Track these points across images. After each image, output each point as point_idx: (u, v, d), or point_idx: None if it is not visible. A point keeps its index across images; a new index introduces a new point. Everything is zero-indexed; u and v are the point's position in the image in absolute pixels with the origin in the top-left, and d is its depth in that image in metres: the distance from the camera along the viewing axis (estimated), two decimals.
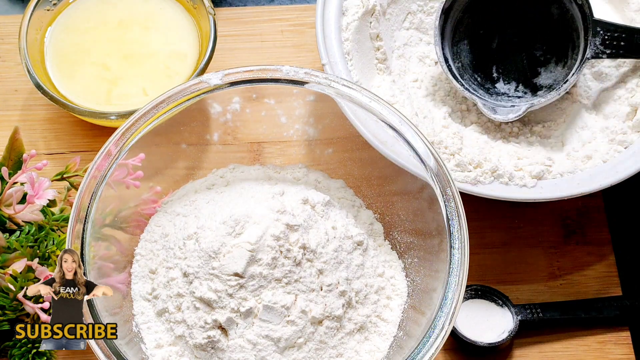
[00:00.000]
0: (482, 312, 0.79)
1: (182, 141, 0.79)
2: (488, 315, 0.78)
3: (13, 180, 0.73)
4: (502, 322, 0.78)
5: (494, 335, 0.77)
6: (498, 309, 0.79)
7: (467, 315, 0.78)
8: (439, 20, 0.81)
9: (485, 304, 0.79)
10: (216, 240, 0.68)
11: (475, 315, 0.78)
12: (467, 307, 0.78)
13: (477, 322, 0.78)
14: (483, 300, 0.79)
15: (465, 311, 0.78)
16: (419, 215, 0.74)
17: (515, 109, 0.79)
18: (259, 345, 0.68)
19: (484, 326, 0.78)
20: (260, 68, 0.72)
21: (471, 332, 0.77)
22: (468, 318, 0.78)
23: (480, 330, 0.78)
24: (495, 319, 0.78)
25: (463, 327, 0.77)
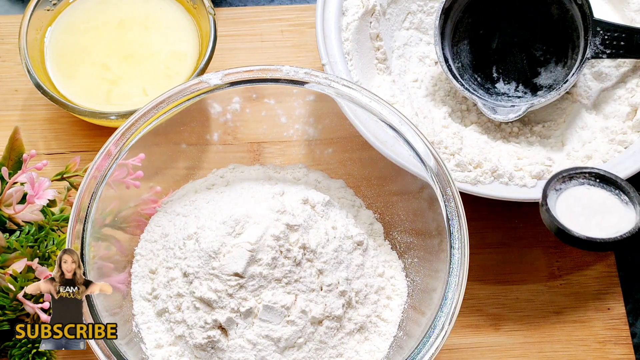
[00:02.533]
0: (595, 205, 0.61)
1: (182, 141, 0.79)
2: (602, 210, 0.61)
3: (13, 180, 0.73)
4: (620, 220, 0.60)
5: (603, 234, 0.60)
6: (619, 205, 0.61)
7: (574, 203, 0.61)
8: (439, 20, 0.81)
9: (604, 196, 0.61)
10: (216, 240, 0.68)
11: (585, 207, 0.61)
12: (574, 195, 0.62)
13: (585, 215, 0.61)
14: (602, 189, 0.61)
15: (572, 199, 0.61)
16: (419, 215, 0.74)
17: (515, 109, 0.79)
18: (259, 345, 0.68)
19: (593, 221, 0.61)
20: (260, 68, 0.72)
21: (575, 224, 0.60)
22: (574, 209, 0.61)
23: (587, 224, 0.61)
24: (611, 217, 0.61)
25: (566, 216, 0.60)
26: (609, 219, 0.60)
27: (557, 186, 0.58)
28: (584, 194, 0.61)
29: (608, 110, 0.81)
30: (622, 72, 0.83)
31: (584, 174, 0.60)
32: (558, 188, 0.58)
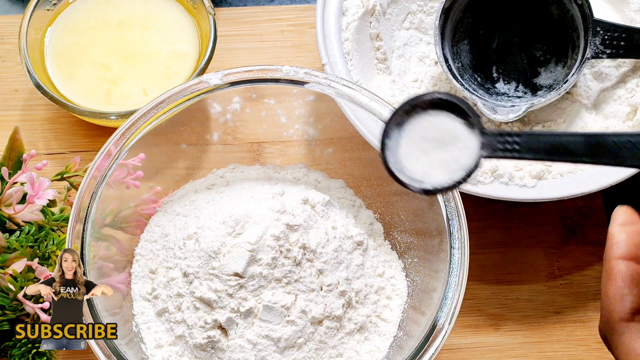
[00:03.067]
0: (440, 132, 0.52)
1: (182, 141, 0.79)
2: (447, 139, 0.52)
3: (13, 180, 0.73)
4: (463, 152, 0.51)
5: (445, 172, 0.52)
6: (464, 130, 0.52)
7: (419, 136, 0.52)
8: (439, 20, 0.81)
9: (448, 120, 0.52)
10: (216, 240, 0.68)
11: (429, 138, 0.52)
12: (421, 123, 0.52)
13: (428, 149, 0.53)
14: (447, 113, 0.52)
15: (419, 129, 0.52)
16: (419, 215, 0.74)
17: (515, 109, 0.79)
18: (259, 345, 0.68)
19: (436, 157, 0.52)
20: (260, 68, 0.72)
21: (416, 163, 0.52)
22: (418, 141, 0.52)
23: (430, 161, 0.52)
24: (456, 147, 0.52)
25: (407, 155, 0.53)
26: (453, 151, 0.52)
27: (399, 120, 0.51)
28: (427, 125, 0.53)
29: (608, 110, 0.81)
30: (622, 72, 0.83)
31: (425, 102, 0.51)
32: (400, 122, 0.51)
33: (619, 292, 0.48)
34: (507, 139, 0.49)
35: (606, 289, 0.49)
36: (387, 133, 0.51)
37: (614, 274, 0.49)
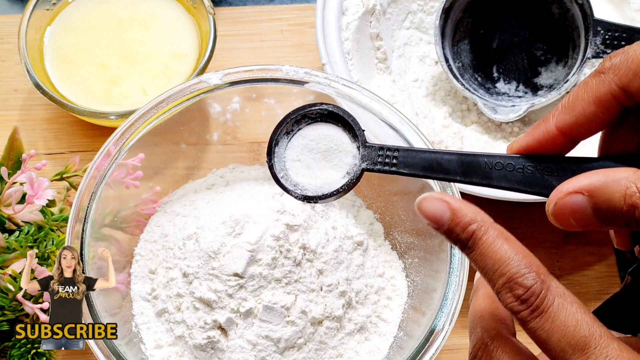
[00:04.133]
0: (326, 143, 0.54)
1: (182, 141, 0.79)
2: (332, 150, 0.54)
3: (12, 180, 0.73)
4: (346, 161, 0.53)
5: (327, 182, 0.53)
6: (348, 142, 0.53)
7: (305, 145, 0.54)
8: (439, 20, 0.81)
9: (334, 131, 0.54)
10: (216, 240, 0.68)
11: (315, 147, 0.54)
12: (309, 133, 0.54)
13: (313, 158, 0.54)
14: (334, 124, 0.54)
15: (306, 138, 0.54)
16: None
17: (515, 108, 0.79)
18: (259, 346, 0.68)
19: (320, 166, 0.54)
20: (260, 68, 0.72)
21: (301, 170, 0.54)
22: (304, 150, 0.54)
23: (315, 169, 0.54)
24: (339, 159, 0.53)
25: (293, 162, 0.54)
26: (336, 162, 0.54)
27: (288, 129, 0.53)
28: (314, 135, 0.54)
29: None
30: None
31: (313, 112, 0.53)
32: (289, 130, 0.53)
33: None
34: (387, 153, 0.51)
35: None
36: (275, 140, 0.53)
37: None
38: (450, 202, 0.43)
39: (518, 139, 0.46)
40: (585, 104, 0.42)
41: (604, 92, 0.42)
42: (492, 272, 0.43)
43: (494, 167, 0.47)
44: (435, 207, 0.43)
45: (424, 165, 0.49)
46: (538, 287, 0.41)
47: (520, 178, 0.47)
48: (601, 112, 0.42)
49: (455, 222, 0.44)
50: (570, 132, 0.44)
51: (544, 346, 0.42)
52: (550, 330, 0.41)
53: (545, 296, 0.42)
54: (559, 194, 0.42)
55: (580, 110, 0.43)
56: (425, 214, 0.44)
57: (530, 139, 0.45)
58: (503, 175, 0.47)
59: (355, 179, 0.51)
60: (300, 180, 0.53)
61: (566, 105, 0.44)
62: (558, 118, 0.44)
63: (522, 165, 0.46)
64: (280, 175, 0.53)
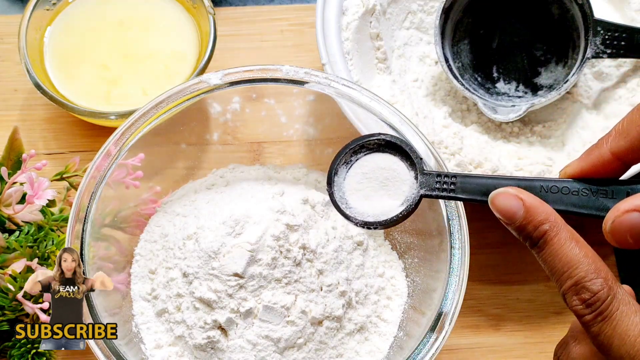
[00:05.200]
0: (384, 172, 0.57)
1: (182, 141, 0.79)
2: (390, 178, 0.56)
3: (12, 180, 0.73)
4: (404, 189, 0.55)
5: (386, 209, 0.56)
6: (406, 170, 0.56)
7: (364, 175, 0.57)
8: (439, 20, 0.81)
9: (392, 160, 0.56)
10: (216, 240, 0.68)
11: (373, 177, 0.57)
12: (367, 162, 0.57)
13: (372, 186, 0.57)
14: (391, 153, 0.56)
15: (365, 168, 0.57)
16: (419, 215, 0.73)
17: (515, 108, 0.79)
18: (258, 346, 0.68)
19: (379, 194, 0.57)
20: (260, 68, 0.72)
21: (360, 199, 0.57)
22: (363, 179, 0.57)
23: (373, 197, 0.57)
24: (398, 186, 0.56)
25: (352, 191, 0.57)
26: (395, 190, 0.56)
27: (346, 159, 0.56)
28: (373, 164, 0.57)
29: (609, 110, 0.81)
30: (622, 72, 0.82)
31: (371, 143, 0.56)
32: (348, 161, 0.56)
33: None
34: (444, 179, 0.53)
35: None
36: (335, 170, 0.56)
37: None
38: (525, 199, 0.45)
39: (571, 164, 0.47)
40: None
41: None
42: (561, 273, 0.45)
43: (549, 190, 0.49)
44: (509, 203, 0.46)
45: (481, 191, 0.50)
46: (604, 294, 0.43)
47: (575, 201, 0.48)
48: None
49: (528, 219, 0.46)
50: (625, 156, 0.44)
51: (604, 350, 0.43)
52: (611, 337, 0.42)
53: (610, 303, 0.43)
54: (617, 212, 0.43)
55: (636, 135, 0.43)
56: (498, 209, 0.45)
57: (584, 164, 0.46)
58: (559, 199, 0.48)
59: (414, 205, 0.54)
60: (359, 208, 0.56)
61: (620, 131, 0.44)
62: (612, 143, 0.45)
63: (577, 188, 0.48)
64: (340, 203, 0.56)
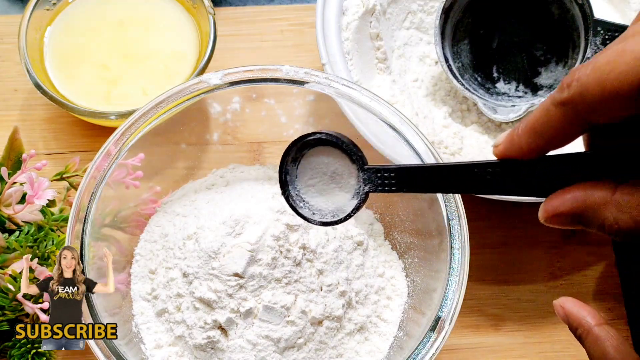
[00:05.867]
0: (329, 168, 0.54)
1: (182, 141, 0.79)
2: (336, 174, 0.54)
3: (12, 180, 0.73)
4: (351, 184, 0.53)
5: (339, 205, 0.54)
6: (349, 166, 0.54)
7: (312, 171, 0.55)
8: (439, 20, 0.81)
9: (336, 156, 0.54)
10: (216, 240, 0.68)
11: (321, 172, 0.55)
12: (313, 159, 0.54)
13: (322, 183, 0.55)
14: (335, 149, 0.54)
15: (312, 165, 0.54)
16: (419, 215, 0.73)
17: (515, 108, 0.79)
18: (259, 346, 0.68)
19: (329, 191, 0.55)
20: (260, 68, 0.72)
21: (314, 196, 0.55)
22: (313, 176, 0.55)
23: (325, 194, 0.55)
24: (344, 182, 0.54)
25: (305, 189, 0.55)
26: (342, 185, 0.54)
27: (293, 156, 0.54)
28: (318, 161, 0.54)
29: None
30: None
31: (312, 140, 0.53)
32: (294, 158, 0.54)
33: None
34: (384, 174, 0.52)
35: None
36: (285, 170, 0.54)
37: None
38: (564, 306, 0.54)
39: (499, 144, 0.46)
40: (553, 130, 0.42)
41: (568, 124, 0.42)
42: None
43: (484, 176, 0.48)
44: (559, 313, 0.55)
45: (422, 184, 0.50)
46: None
47: (511, 184, 0.47)
48: (572, 134, 0.42)
49: (569, 324, 0.54)
50: (543, 151, 0.44)
51: None
52: None
53: None
54: (545, 215, 0.44)
55: (550, 135, 0.43)
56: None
57: (508, 147, 0.45)
58: (494, 182, 0.47)
59: (362, 201, 0.53)
60: (316, 205, 0.55)
61: (532, 130, 0.43)
62: (527, 142, 0.44)
63: (512, 168, 0.47)
64: (297, 204, 0.55)
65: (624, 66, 0.37)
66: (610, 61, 0.38)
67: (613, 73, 0.38)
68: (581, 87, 0.39)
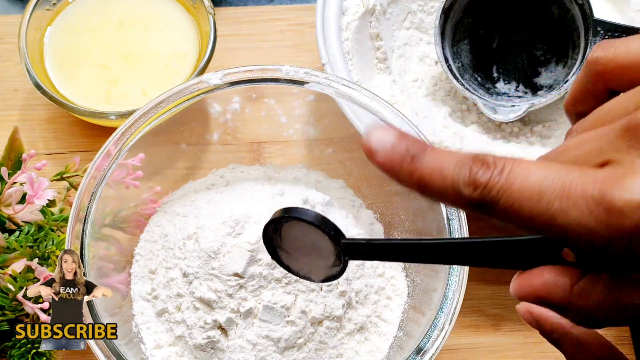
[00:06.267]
0: (308, 238, 0.52)
1: (182, 141, 0.79)
2: (315, 245, 0.52)
3: (12, 181, 0.73)
4: (328, 251, 0.51)
5: (322, 265, 0.53)
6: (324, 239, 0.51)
7: (293, 241, 0.53)
8: (439, 20, 0.81)
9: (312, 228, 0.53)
10: (216, 240, 0.68)
11: (301, 243, 0.53)
12: (293, 230, 0.52)
13: (303, 251, 0.52)
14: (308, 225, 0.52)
15: (292, 235, 0.52)
16: (419, 215, 0.73)
17: (515, 108, 0.79)
18: (259, 346, 0.68)
19: (311, 258, 0.53)
20: (260, 68, 0.72)
21: (297, 263, 0.53)
22: (294, 246, 0.53)
23: (307, 261, 0.53)
24: (322, 245, 0.51)
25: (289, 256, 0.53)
26: (324, 247, 0.52)
27: (273, 228, 0.52)
28: (297, 232, 0.52)
29: None
30: None
31: (290, 217, 0.51)
32: (274, 229, 0.52)
33: None
34: (357, 249, 0.49)
35: None
36: (269, 239, 0.52)
37: None
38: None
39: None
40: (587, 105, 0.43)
41: (599, 92, 0.42)
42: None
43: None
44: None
45: (390, 254, 0.47)
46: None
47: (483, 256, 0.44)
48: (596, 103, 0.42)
49: None
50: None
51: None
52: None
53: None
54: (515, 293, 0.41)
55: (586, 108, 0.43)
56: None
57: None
58: (455, 255, 0.44)
59: (344, 268, 0.50)
60: (299, 269, 0.53)
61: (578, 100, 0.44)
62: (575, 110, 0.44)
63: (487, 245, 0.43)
64: (286, 259, 0.52)
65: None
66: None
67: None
68: (607, 57, 0.40)
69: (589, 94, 0.42)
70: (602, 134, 0.36)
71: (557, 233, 0.35)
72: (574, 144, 0.37)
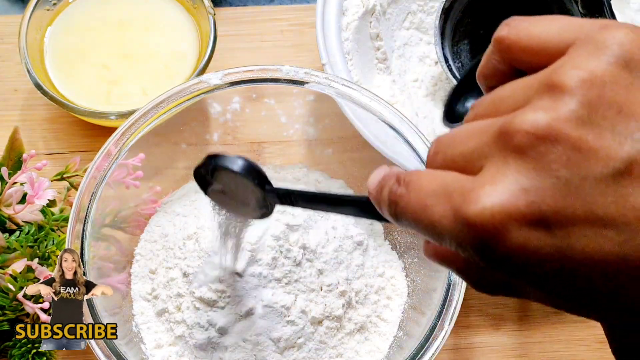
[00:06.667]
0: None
1: (182, 141, 0.79)
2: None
3: (13, 181, 0.73)
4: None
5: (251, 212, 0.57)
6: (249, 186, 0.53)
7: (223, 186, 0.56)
8: (439, 20, 0.81)
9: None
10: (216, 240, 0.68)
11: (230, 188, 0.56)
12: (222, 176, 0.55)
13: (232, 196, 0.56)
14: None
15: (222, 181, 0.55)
16: None
17: None
18: (259, 345, 0.68)
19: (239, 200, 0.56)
20: (260, 68, 0.72)
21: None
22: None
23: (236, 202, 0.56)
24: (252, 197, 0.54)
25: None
26: (252, 198, 0.56)
27: (205, 171, 0.56)
28: (226, 178, 0.56)
29: None
30: None
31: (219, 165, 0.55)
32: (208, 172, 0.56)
33: None
34: (281, 196, 0.52)
35: None
36: (201, 180, 0.57)
37: None
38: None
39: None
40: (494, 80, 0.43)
41: (505, 69, 0.43)
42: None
43: (359, 203, 0.46)
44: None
45: (313, 205, 0.50)
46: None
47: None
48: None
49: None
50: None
51: None
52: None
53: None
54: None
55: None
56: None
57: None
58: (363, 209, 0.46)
59: (271, 209, 0.55)
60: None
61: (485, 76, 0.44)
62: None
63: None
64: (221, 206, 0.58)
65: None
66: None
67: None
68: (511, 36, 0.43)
69: (497, 70, 0.42)
70: (484, 131, 0.36)
71: (441, 242, 0.36)
72: (464, 135, 0.37)
